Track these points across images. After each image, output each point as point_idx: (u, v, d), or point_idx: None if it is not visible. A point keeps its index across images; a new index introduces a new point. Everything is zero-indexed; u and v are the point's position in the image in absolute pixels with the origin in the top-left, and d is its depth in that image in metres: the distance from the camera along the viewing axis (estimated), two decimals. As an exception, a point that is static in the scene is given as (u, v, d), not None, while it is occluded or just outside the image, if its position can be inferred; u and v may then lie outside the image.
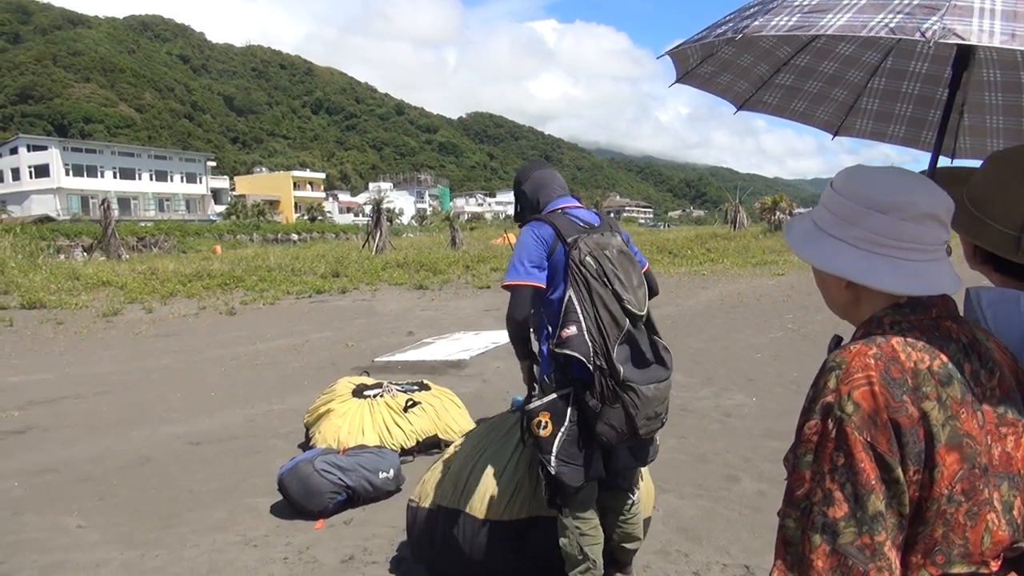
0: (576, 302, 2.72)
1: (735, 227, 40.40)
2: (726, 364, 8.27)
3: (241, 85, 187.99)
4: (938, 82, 2.61)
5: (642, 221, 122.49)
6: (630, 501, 3.11)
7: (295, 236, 58.68)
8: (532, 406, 2.78)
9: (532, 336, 2.99)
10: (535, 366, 2.98)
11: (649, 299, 2.96)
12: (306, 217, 78.43)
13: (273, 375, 8.61)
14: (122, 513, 4.48)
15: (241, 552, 3.84)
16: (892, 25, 1.39)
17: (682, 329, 10.88)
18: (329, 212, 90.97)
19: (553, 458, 2.73)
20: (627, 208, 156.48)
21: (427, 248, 32.53)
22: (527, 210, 3.08)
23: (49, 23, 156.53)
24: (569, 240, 2.78)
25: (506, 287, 2.84)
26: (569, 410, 2.75)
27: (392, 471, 4.54)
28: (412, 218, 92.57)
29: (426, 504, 3.35)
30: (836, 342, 1.27)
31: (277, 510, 4.40)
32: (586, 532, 2.90)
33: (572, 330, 2.70)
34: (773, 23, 1.55)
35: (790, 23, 1.53)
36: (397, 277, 20.89)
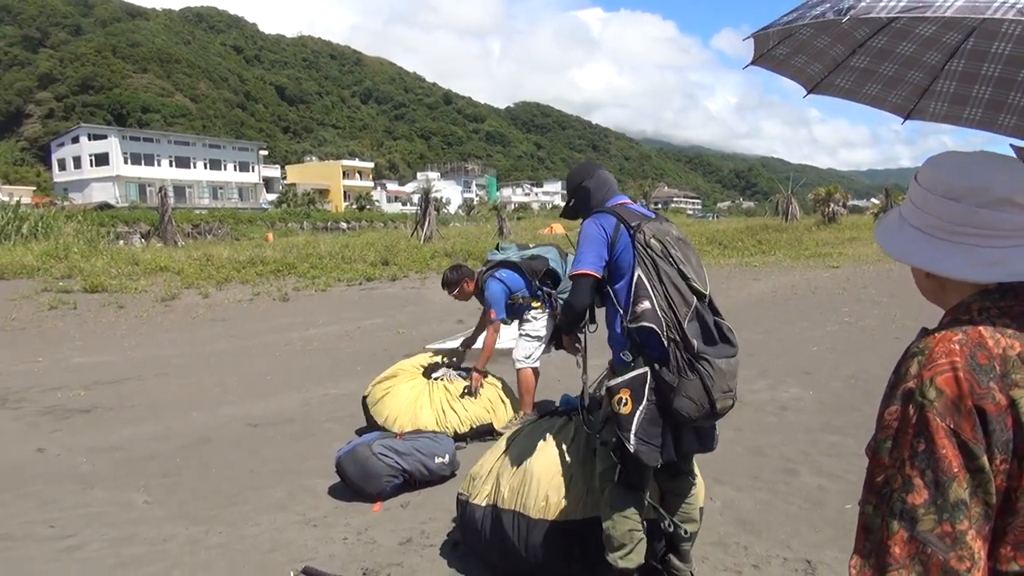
0: (646, 280, 2.80)
1: (787, 219, 39.63)
2: (781, 357, 8.14)
3: (292, 75, 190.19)
4: (1022, 64, 2.51)
5: (690, 212, 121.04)
6: (691, 484, 3.17)
7: (344, 224, 59.46)
8: (613, 383, 2.80)
9: (594, 322, 3.14)
10: (609, 356, 3.01)
11: None
12: (355, 206, 79.36)
13: (326, 360, 8.75)
14: (186, 491, 4.61)
15: (301, 531, 3.92)
16: (1020, 5, 1.30)
17: (734, 321, 10.61)
18: (377, 201, 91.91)
19: (633, 436, 2.73)
20: (675, 199, 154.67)
21: (474, 238, 32.61)
22: (582, 206, 3.18)
23: (109, 15, 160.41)
24: (633, 224, 2.89)
25: (572, 276, 2.99)
26: (647, 389, 2.77)
27: (447, 456, 4.58)
28: (459, 207, 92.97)
29: (477, 501, 3.37)
30: (923, 335, 1.24)
31: (335, 491, 4.47)
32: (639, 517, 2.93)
33: (646, 304, 2.77)
34: (882, 3, 1.46)
35: (901, 4, 1.43)
36: (445, 266, 20.98)
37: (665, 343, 2.74)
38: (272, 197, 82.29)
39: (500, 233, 33.44)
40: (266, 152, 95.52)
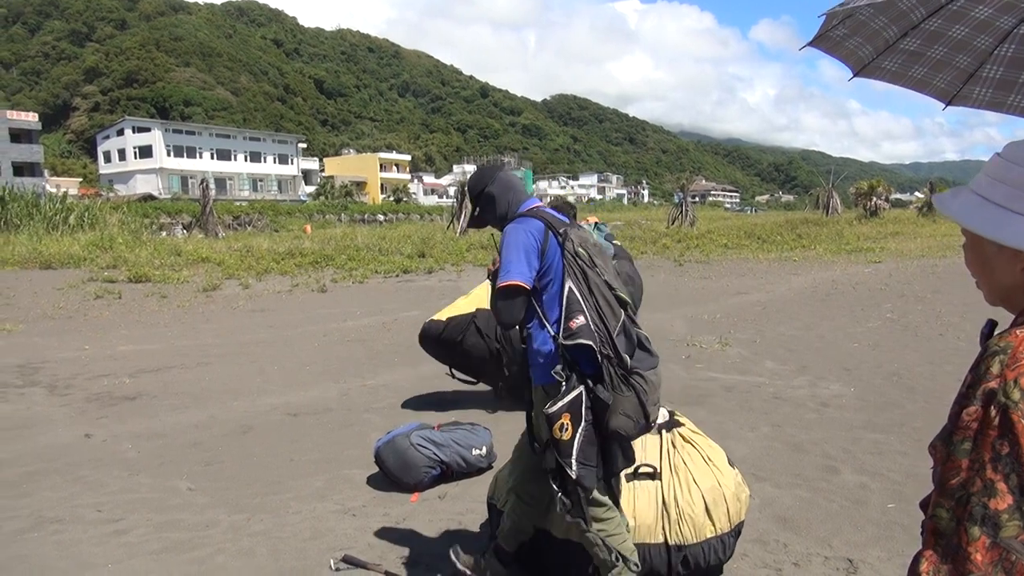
0: (577, 292, 2.66)
1: (828, 213, 39.01)
2: (821, 353, 8.02)
3: (331, 68, 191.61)
4: None
5: (728, 205, 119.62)
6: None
7: (381, 217, 59.96)
8: (554, 409, 2.59)
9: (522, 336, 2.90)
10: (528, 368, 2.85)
11: None
12: (392, 198, 79.90)
13: (364, 351, 8.82)
14: (228, 478, 4.69)
15: (340, 520, 3.97)
16: None
17: (772, 316, 10.60)
18: (414, 193, 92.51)
19: (574, 461, 2.59)
20: (712, 192, 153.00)
21: (510, 230, 32.63)
22: (489, 213, 2.97)
23: (153, 10, 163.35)
24: (561, 231, 2.73)
25: (500, 288, 2.72)
26: (584, 409, 2.61)
27: (484, 448, 4.60)
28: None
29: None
30: (991, 327, 1.20)
31: (374, 481, 4.52)
32: (612, 532, 2.79)
33: (580, 320, 2.62)
34: None
35: None
36: (481, 258, 21.04)
37: (599, 359, 2.61)
38: (310, 189, 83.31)
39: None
40: (305, 145, 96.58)
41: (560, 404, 2.58)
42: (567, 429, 2.58)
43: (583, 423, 2.60)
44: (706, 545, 3.12)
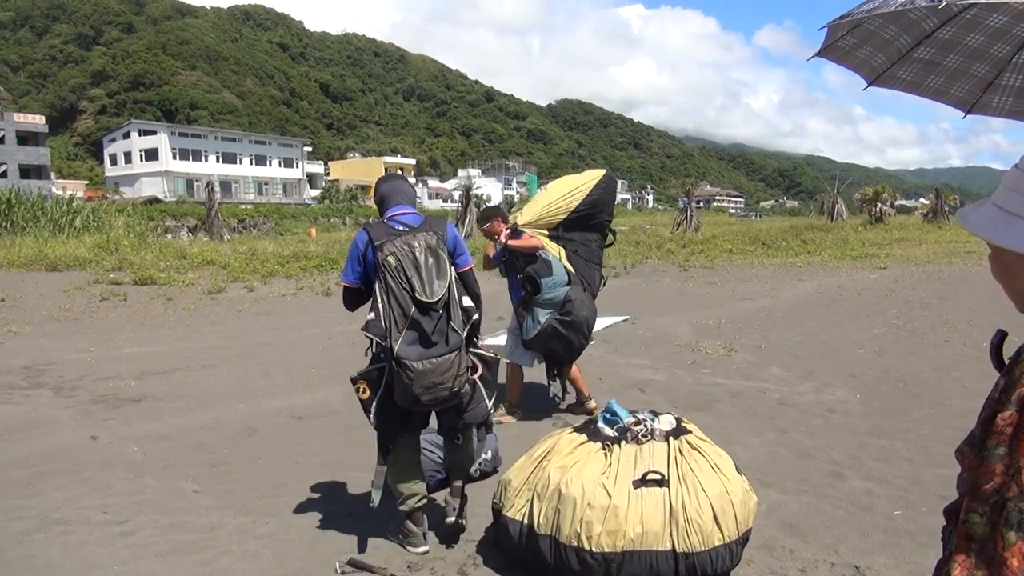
0: (379, 293, 3.37)
1: (833, 218, 39.01)
2: (827, 359, 8.00)
3: (337, 72, 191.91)
4: None
5: (733, 211, 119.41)
6: (457, 441, 3.83)
7: (386, 220, 59.99)
8: (353, 375, 3.54)
9: None
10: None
11: (471, 299, 3.63)
12: (396, 202, 79.88)
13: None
14: (233, 480, 4.69)
15: (346, 523, 3.97)
16: None
17: (778, 321, 10.58)
18: (419, 198, 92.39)
19: (372, 416, 3.50)
20: (717, 197, 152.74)
21: (515, 234, 32.62)
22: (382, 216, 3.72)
23: (160, 14, 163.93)
24: (377, 243, 3.41)
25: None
26: (383, 380, 3.46)
27: (490, 452, 4.59)
28: (500, 204, 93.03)
29: (511, 514, 3.39)
30: (1000, 337, 1.19)
31: (379, 485, 4.51)
32: (396, 475, 3.68)
33: (371, 315, 3.38)
34: None
35: None
36: (486, 262, 21.04)
37: (385, 347, 3.35)
38: (315, 193, 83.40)
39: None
40: (310, 148, 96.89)
41: (358, 373, 3.54)
42: (364, 392, 3.50)
43: (381, 389, 3.47)
44: (714, 553, 3.11)
